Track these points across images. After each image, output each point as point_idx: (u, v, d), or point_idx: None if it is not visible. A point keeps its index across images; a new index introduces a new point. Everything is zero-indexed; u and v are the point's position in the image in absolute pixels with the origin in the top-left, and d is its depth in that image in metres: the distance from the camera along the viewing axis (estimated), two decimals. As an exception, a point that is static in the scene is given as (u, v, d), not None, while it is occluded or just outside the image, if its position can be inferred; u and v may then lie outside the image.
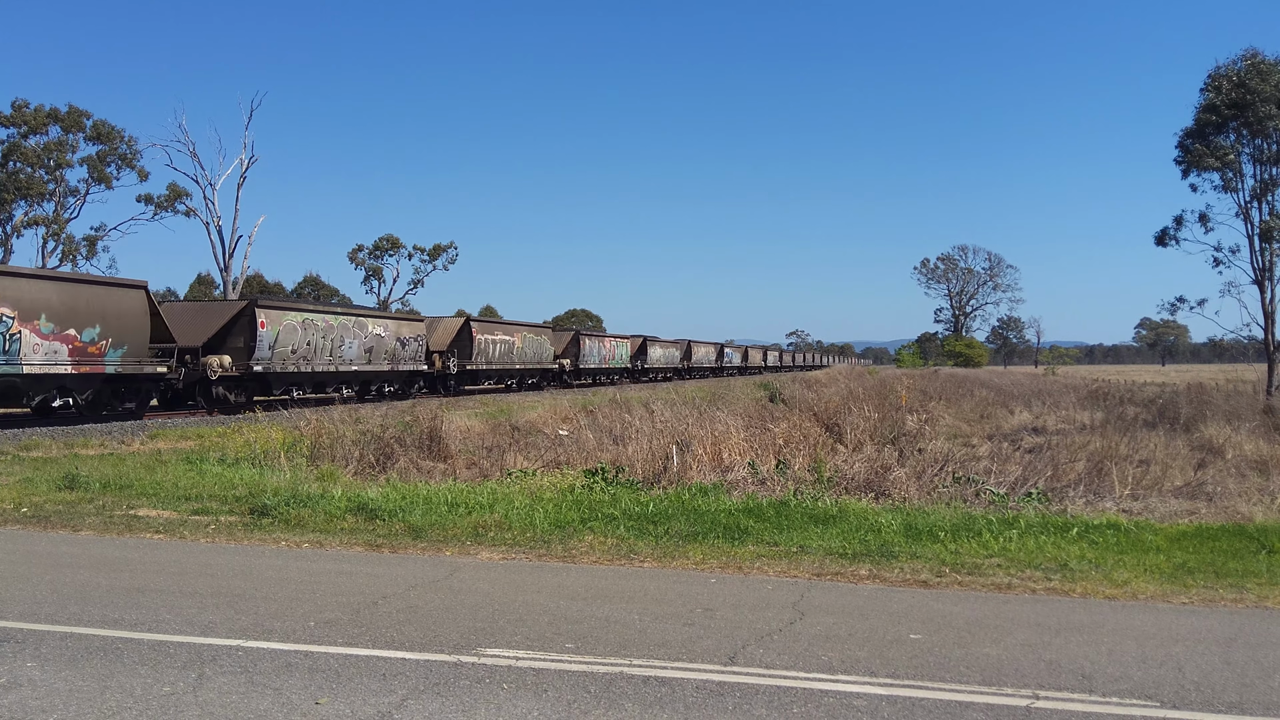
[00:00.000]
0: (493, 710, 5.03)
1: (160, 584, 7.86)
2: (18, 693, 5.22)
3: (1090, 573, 8.39)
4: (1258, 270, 27.30)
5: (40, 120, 55.58)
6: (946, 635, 6.50)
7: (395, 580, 8.06)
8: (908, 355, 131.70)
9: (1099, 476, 13.42)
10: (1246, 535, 9.70)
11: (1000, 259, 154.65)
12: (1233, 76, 26.53)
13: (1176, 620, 7.01)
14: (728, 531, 9.92)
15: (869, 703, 5.20)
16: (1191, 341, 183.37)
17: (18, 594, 7.43)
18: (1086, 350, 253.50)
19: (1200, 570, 8.47)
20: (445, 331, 41.19)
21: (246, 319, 28.71)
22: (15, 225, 55.54)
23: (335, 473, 13.92)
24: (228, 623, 6.66)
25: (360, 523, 10.67)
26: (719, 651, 6.09)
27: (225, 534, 10.24)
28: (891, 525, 9.99)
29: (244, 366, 28.19)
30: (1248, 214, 27.34)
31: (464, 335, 41.49)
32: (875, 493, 12.02)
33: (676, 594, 7.66)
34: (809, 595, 7.64)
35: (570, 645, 6.19)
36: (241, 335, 28.69)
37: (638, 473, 13.24)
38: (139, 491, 12.75)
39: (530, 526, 10.27)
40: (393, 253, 77.40)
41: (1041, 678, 5.64)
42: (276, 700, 5.15)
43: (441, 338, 40.69)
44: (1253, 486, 13.28)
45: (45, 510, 11.49)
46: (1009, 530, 9.75)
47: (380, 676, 5.55)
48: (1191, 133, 27.99)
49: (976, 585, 8.03)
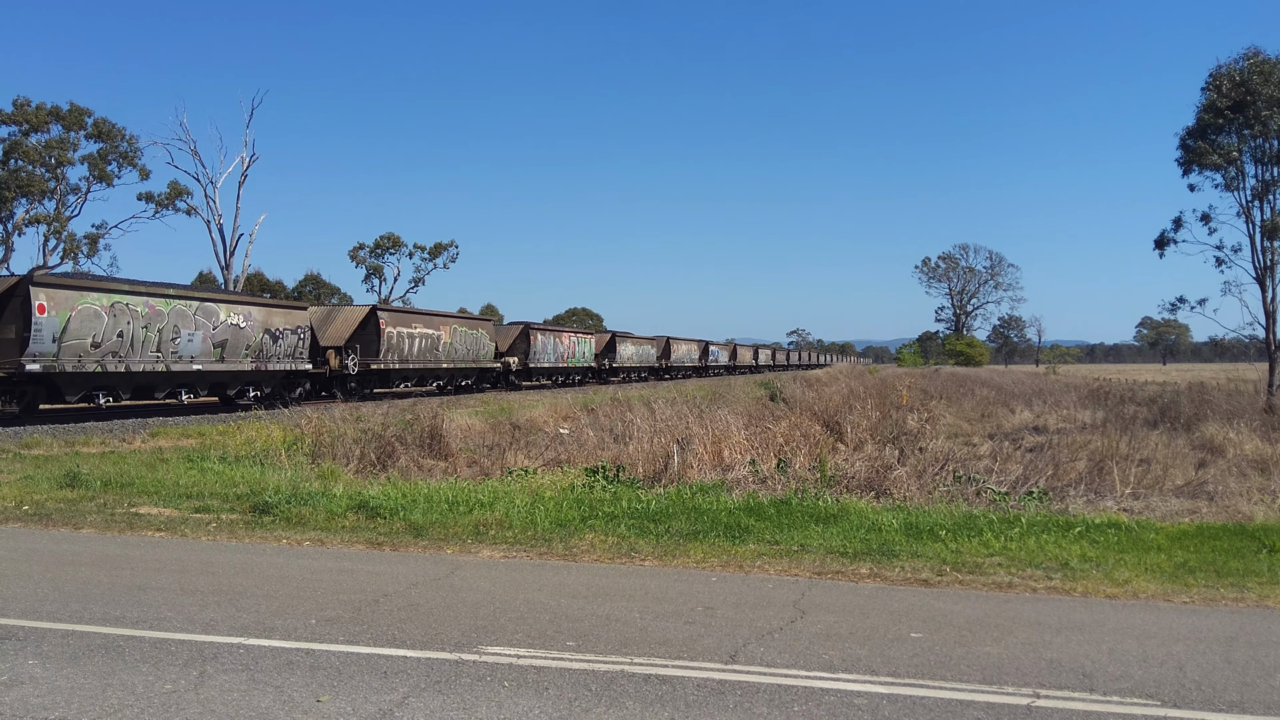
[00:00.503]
0: (494, 708, 5.04)
1: (162, 582, 7.86)
2: (19, 690, 5.23)
3: (1091, 572, 8.39)
4: (1259, 269, 27.27)
5: (41, 118, 55.57)
6: (947, 634, 6.51)
7: (396, 578, 8.07)
8: (908, 354, 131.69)
9: (1100, 475, 13.43)
10: (1247, 534, 9.70)
11: (1001, 258, 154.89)
12: (1234, 76, 26.50)
13: (1177, 619, 7.00)
14: (729, 530, 9.92)
15: (870, 701, 5.20)
16: (1193, 341, 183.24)
17: (19, 591, 7.44)
18: (1087, 349, 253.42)
19: (1201, 569, 8.47)
20: (344, 323, 34.81)
21: (19, 301, 21.58)
22: (17, 223, 55.55)
23: (336, 471, 13.94)
24: (229, 620, 6.67)
25: (361, 521, 10.68)
26: (720, 650, 6.10)
27: (226, 532, 10.24)
28: (892, 524, 10.00)
29: (12, 365, 21.36)
30: (1249, 213, 27.33)
31: (370, 328, 34.75)
32: (876, 492, 12.03)
33: (677, 592, 7.66)
34: (810, 594, 7.65)
35: (571, 643, 6.19)
36: (13, 324, 21.63)
37: (639, 471, 13.25)
38: (140, 489, 12.76)
39: (531, 525, 10.27)
40: (394, 251, 77.37)
41: (1042, 677, 5.64)
42: (278, 698, 5.15)
43: (339, 330, 34.41)
44: (1254, 486, 13.28)
45: (47, 508, 11.50)
46: (1010, 529, 9.75)
47: (382, 674, 5.55)
48: (1193, 132, 27.96)
49: (977, 584, 8.03)
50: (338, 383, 33.66)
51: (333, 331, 34.24)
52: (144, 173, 59.50)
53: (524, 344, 48.18)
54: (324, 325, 34.28)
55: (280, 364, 29.90)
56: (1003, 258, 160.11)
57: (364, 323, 34.82)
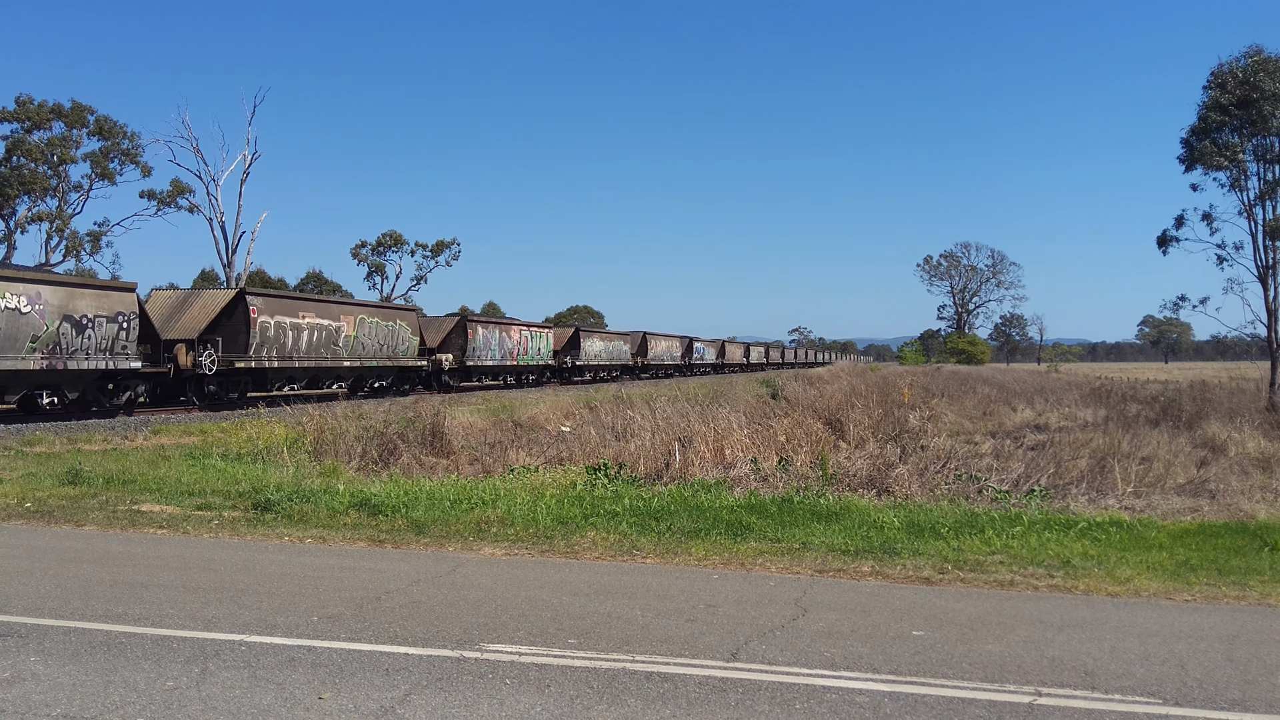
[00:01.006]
0: (495, 705, 5.04)
1: (163, 579, 7.87)
2: (21, 687, 5.23)
3: (1093, 570, 8.38)
4: (1261, 267, 27.24)
5: (44, 116, 55.59)
6: (949, 632, 6.50)
7: (398, 576, 8.07)
8: (910, 352, 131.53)
9: (1102, 474, 13.42)
10: (1249, 533, 9.69)
11: (1003, 256, 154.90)
12: (1238, 74, 26.45)
13: (1179, 617, 7.00)
14: (730, 528, 9.92)
15: (871, 699, 5.20)
16: (1194, 339, 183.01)
17: (21, 589, 7.45)
18: (1089, 348, 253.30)
19: (1203, 568, 8.46)
20: (201, 311, 28.07)
21: None
22: (19, 221, 55.59)
23: (338, 468, 13.95)
24: (231, 618, 6.67)
25: (363, 518, 10.68)
26: (722, 648, 6.09)
27: (228, 529, 10.25)
28: (894, 522, 9.99)
29: None
30: (1251, 212, 27.29)
31: (237, 317, 28.24)
32: (878, 490, 12.02)
33: (679, 590, 7.66)
34: (811, 592, 7.64)
35: (573, 641, 6.19)
36: None
37: (640, 469, 13.25)
38: (142, 487, 12.76)
39: (533, 522, 10.27)
40: (395, 249, 77.42)
41: (1044, 675, 5.64)
42: (280, 695, 5.16)
43: (194, 319, 27.78)
44: (1255, 484, 13.28)
45: (49, 505, 11.51)
46: (1012, 527, 9.74)
47: (383, 672, 5.55)
48: (1196, 130, 27.91)
49: (979, 582, 8.03)
50: (192, 385, 27.19)
51: (186, 321, 27.70)
52: (146, 170, 59.56)
53: (461, 338, 41.37)
54: (175, 313, 27.91)
55: (90, 361, 23.26)
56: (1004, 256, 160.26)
57: (228, 310, 28.07)
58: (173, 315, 27.96)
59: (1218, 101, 26.78)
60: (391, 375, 36.77)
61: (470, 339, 41.80)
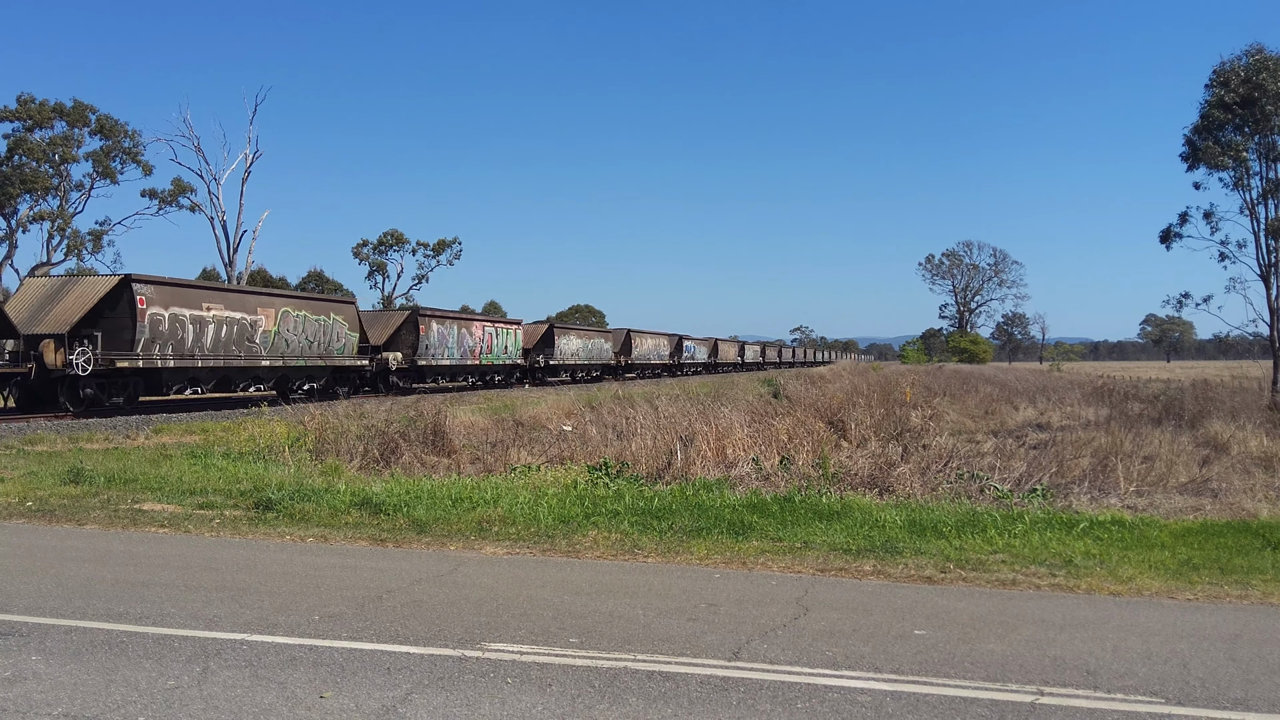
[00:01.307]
0: (497, 704, 5.03)
1: (165, 578, 7.87)
2: (22, 686, 5.23)
3: (1095, 569, 8.37)
4: (1263, 266, 27.23)
5: (45, 115, 55.65)
6: (951, 631, 6.49)
7: (400, 575, 8.07)
8: (912, 351, 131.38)
9: (1104, 473, 13.41)
10: (1251, 532, 9.67)
11: (1005, 255, 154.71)
12: (1240, 72, 26.43)
13: (1181, 617, 6.99)
14: (732, 527, 9.91)
15: (873, 698, 5.19)
16: (1197, 338, 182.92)
17: (22, 588, 7.45)
18: (1091, 347, 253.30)
19: (1205, 567, 8.45)
20: (77, 302, 23.93)
21: None
22: (21, 220, 55.63)
23: (339, 467, 13.96)
24: (232, 617, 6.67)
25: (364, 517, 10.68)
26: (723, 647, 6.09)
27: (230, 528, 10.25)
28: (896, 521, 9.98)
29: None
30: (1254, 210, 27.27)
31: (121, 309, 24.10)
32: (879, 489, 12.01)
33: (680, 589, 7.65)
34: (813, 591, 7.64)
35: (574, 640, 6.19)
36: None
37: (641, 468, 13.25)
38: (144, 486, 12.77)
39: (534, 522, 10.27)
40: (397, 248, 77.55)
41: (1046, 674, 5.63)
42: (281, 694, 5.15)
43: (68, 312, 23.63)
44: (1258, 483, 13.26)
45: (50, 504, 11.52)
46: (1013, 526, 9.73)
47: (385, 671, 5.55)
48: (1199, 129, 27.89)
49: (981, 581, 8.02)
50: (65, 388, 23.31)
51: (58, 314, 23.57)
52: (147, 169, 59.70)
53: (411, 335, 36.89)
54: (47, 305, 23.95)
55: None
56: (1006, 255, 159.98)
57: (110, 300, 24.01)
58: (44, 307, 23.93)
59: (1221, 99, 26.77)
60: (325, 376, 31.96)
61: (422, 335, 37.27)
